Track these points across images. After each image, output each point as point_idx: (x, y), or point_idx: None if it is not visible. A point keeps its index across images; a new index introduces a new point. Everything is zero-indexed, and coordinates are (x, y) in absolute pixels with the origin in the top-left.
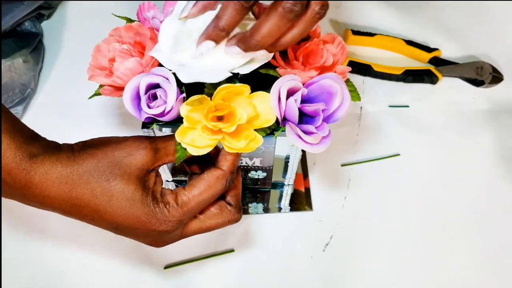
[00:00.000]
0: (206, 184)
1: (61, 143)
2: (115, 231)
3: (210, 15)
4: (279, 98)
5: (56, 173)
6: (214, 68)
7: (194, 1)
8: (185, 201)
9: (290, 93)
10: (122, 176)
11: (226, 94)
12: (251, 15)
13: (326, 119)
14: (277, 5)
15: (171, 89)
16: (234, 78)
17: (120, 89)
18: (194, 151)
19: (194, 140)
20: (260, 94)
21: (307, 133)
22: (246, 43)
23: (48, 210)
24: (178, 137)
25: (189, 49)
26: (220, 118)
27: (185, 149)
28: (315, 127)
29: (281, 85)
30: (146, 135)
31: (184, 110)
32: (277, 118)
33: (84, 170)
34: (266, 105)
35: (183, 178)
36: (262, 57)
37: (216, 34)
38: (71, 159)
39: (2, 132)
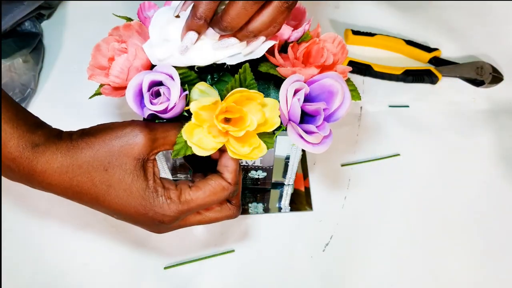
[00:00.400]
0: (211, 191)
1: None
2: (115, 216)
3: None
4: (286, 99)
5: (56, 163)
6: (200, 61)
7: (184, 1)
8: (187, 200)
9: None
10: (120, 166)
11: (239, 98)
12: None
13: (327, 118)
14: None
15: (174, 86)
16: (224, 71)
17: (120, 88)
18: (198, 151)
19: (201, 141)
20: (269, 101)
21: (308, 132)
22: (217, 25)
23: (53, 194)
24: (185, 135)
25: (176, 38)
26: (227, 120)
27: (188, 147)
28: (316, 127)
29: (288, 87)
30: (145, 122)
31: (194, 106)
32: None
33: (83, 160)
34: (273, 113)
35: (183, 178)
36: (237, 46)
37: (196, 23)
38: (70, 148)
39: (5, 121)
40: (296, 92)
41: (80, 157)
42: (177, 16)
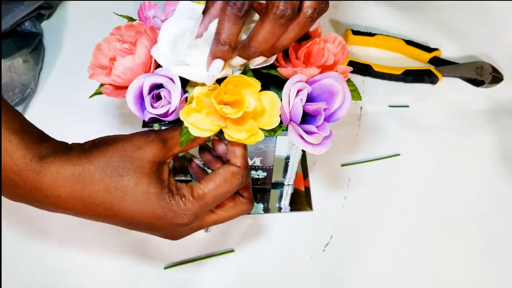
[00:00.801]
0: (222, 179)
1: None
2: (129, 226)
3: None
4: (288, 99)
5: (67, 172)
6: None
7: (200, 21)
8: (201, 195)
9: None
10: (135, 170)
11: (236, 84)
12: (256, 17)
13: (327, 119)
14: (268, 12)
15: (175, 90)
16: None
17: (121, 88)
18: (195, 132)
19: (197, 122)
20: (268, 93)
21: (308, 133)
22: (245, 51)
23: (59, 212)
24: (182, 115)
25: (187, 53)
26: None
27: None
28: (316, 127)
29: (291, 86)
30: (152, 129)
31: (198, 91)
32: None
33: (96, 167)
34: (272, 106)
35: (183, 178)
36: (262, 63)
37: (220, 50)
38: (82, 157)
39: (12, 133)
40: (298, 92)
41: (93, 165)
42: (199, 36)
